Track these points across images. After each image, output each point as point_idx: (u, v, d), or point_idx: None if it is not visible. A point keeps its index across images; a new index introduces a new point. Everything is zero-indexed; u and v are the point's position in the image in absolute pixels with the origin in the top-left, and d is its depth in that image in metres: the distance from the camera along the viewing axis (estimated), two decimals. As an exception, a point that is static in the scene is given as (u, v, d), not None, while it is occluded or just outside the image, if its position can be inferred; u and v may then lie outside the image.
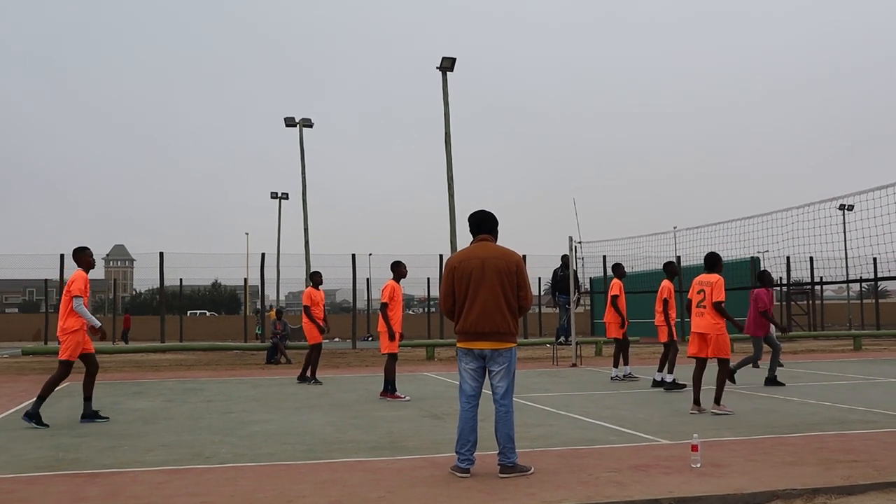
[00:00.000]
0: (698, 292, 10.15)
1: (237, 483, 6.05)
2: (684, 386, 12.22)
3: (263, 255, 31.80)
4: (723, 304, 9.83)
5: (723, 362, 9.90)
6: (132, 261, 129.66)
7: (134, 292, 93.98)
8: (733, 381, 12.61)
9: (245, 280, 47.95)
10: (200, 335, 45.67)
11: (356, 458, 7.10)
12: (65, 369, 9.53)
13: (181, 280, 42.45)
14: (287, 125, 34.74)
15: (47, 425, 9.19)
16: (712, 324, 9.87)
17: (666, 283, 13.12)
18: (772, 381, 13.08)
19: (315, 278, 14.70)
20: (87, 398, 9.80)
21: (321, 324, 14.14)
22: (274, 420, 9.65)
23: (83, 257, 9.80)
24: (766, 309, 13.13)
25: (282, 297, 46.13)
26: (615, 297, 14.24)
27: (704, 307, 9.98)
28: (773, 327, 13.48)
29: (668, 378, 12.58)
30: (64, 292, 9.66)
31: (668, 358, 12.75)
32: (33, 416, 9.20)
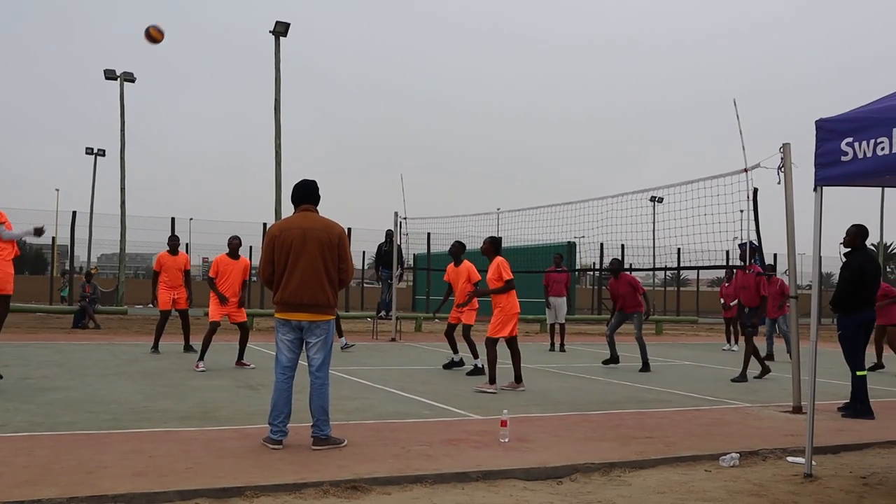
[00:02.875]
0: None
1: (32, 453, 5.72)
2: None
3: (74, 213, 30.30)
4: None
5: (492, 342, 10.10)
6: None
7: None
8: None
9: (53, 239, 45.13)
10: None
11: (165, 427, 6.89)
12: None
13: (-20, 236, 39.58)
14: (107, 78, 32.87)
15: None
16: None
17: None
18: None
19: (172, 242, 14.00)
20: None
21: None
22: (77, 387, 9.19)
23: None
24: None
25: (94, 259, 43.86)
26: None
27: None
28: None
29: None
30: None
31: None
32: None
